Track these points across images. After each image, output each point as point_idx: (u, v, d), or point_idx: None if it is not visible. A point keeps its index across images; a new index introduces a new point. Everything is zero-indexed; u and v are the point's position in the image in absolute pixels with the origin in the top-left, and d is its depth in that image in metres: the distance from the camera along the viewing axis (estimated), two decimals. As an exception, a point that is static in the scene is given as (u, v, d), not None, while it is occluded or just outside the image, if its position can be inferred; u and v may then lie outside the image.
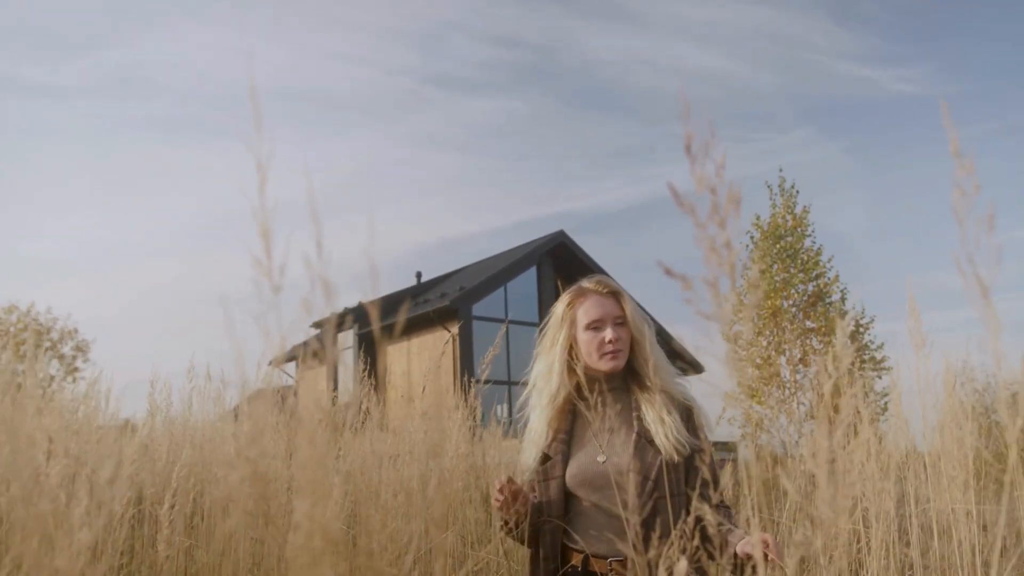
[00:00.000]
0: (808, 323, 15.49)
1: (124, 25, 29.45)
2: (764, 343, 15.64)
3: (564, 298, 1.96)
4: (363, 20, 30.71)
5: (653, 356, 1.82)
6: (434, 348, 20.64)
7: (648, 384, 1.83)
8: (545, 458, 1.86)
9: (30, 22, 28.65)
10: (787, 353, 15.26)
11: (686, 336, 1.64)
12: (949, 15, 27.83)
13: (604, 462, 1.77)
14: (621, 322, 1.87)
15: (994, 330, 0.83)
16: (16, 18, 28.34)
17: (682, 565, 0.97)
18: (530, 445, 1.92)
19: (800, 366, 15.06)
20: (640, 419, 1.81)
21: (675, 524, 1.61)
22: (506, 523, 1.82)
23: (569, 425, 1.87)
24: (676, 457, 1.73)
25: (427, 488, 2.34)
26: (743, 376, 15.52)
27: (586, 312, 1.88)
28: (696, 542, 1.43)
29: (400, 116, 33.97)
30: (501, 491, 1.74)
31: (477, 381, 4.52)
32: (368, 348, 22.44)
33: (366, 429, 3.72)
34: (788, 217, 16.18)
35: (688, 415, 1.84)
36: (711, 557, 1.47)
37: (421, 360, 20.91)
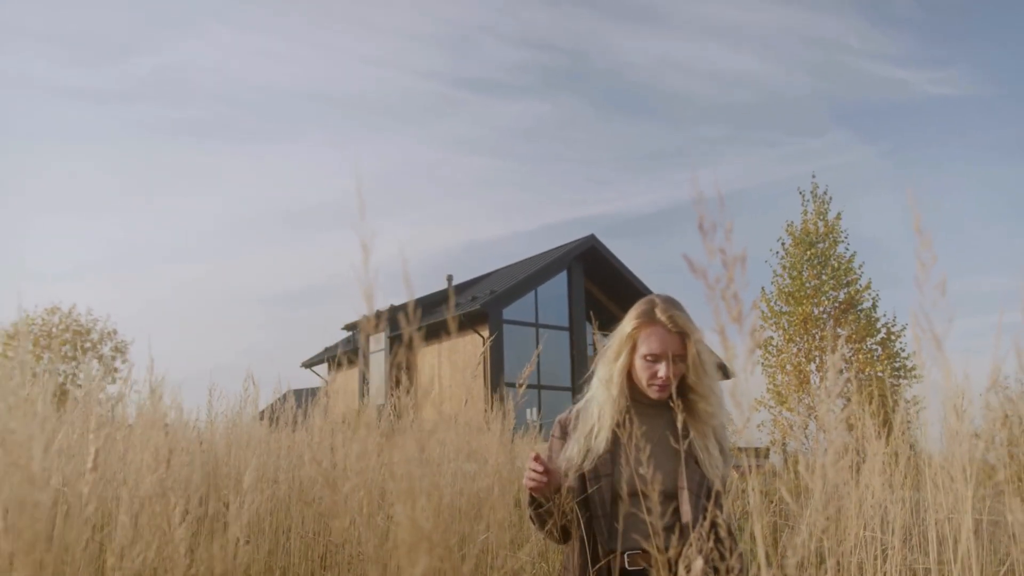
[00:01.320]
0: (839, 330, 15.45)
1: (159, 29, 30.04)
2: (795, 349, 15.63)
3: (634, 317, 1.96)
4: (394, 24, 31.06)
5: (712, 399, 1.86)
6: (464, 352, 20.85)
7: (698, 415, 1.88)
8: (594, 456, 1.91)
9: (66, 26, 29.35)
10: (817, 360, 15.23)
11: (714, 341, 1.76)
12: (984, 16, 27.38)
13: (652, 472, 1.76)
14: (679, 359, 1.89)
15: (947, 373, 0.99)
16: (53, 22, 29.08)
17: (699, 563, 1.11)
18: (581, 439, 1.95)
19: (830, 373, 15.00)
20: (689, 440, 1.86)
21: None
22: (535, 502, 1.87)
23: (615, 435, 1.91)
24: (716, 484, 1.79)
25: (491, 495, 2.47)
26: (771, 381, 15.52)
27: (647, 342, 1.90)
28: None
29: (431, 119, 34.25)
30: (537, 467, 1.79)
31: (512, 386, 4.68)
32: (398, 351, 22.74)
33: (405, 431, 3.90)
34: (820, 223, 16.15)
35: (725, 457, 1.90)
36: None
37: (452, 363, 21.12)
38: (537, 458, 1.79)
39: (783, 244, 16.50)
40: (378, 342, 23.40)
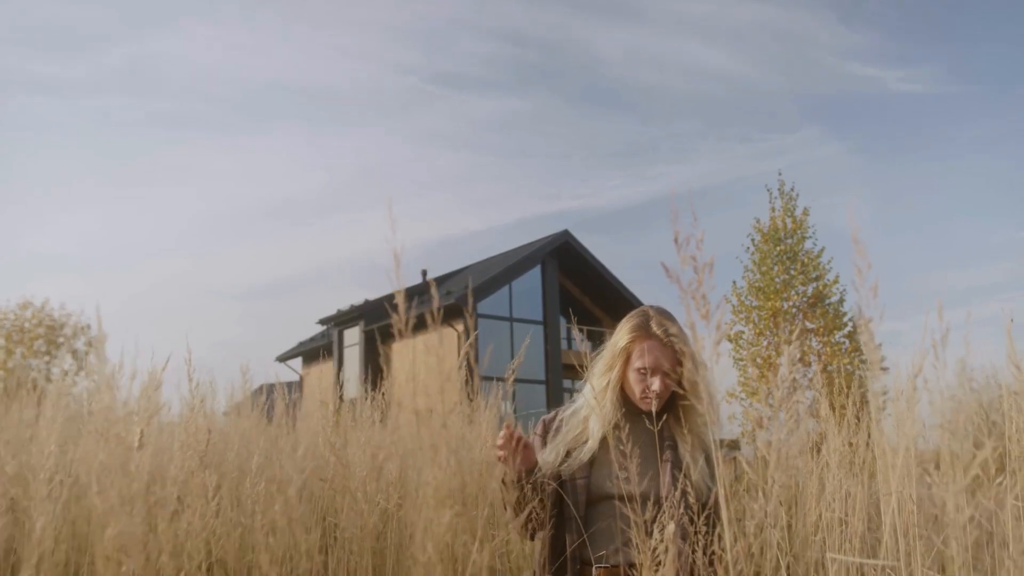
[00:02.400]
0: (808, 324, 15.77)
1: (132, 21, 29.70)
2: (764, 343, 15.93)
3: (628, 329, 1.96)
4: (370, 18, 30.93)
5: (701, 411, 1.83)
6: (439, 346, 20.93)
7: (684, 424, 1.90)
8: (569, 456, 1.90)
9: (38, 18, 28.89)
10: (789, 351, 15.52)
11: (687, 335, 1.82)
12: (955, 15, 27.96)
13: (633, 481, 1.77)
14: (672, 372, 1.89)
15: (874, 362, 1.11)
16: (24, 13, 28.58)
17: (670, 528, 1.20)
18: (561, 447, 1.94)
19: (799, 366, 15.33)
20: (675, 449, 1.88)
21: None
22: (515, 478, 1.82)
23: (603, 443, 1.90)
24: (697, 497, 1.76)
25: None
26: (742, 374, 15.80)
27: (640, 355, 1.90)
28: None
29: (406, 114, 34.23)
30: (505, 442, 1.76)
31: (489, 380, 4.78)
32: (373, 345, 22.73)
33: (388, 421, 4.00)
34: (788, 220, 16.47)
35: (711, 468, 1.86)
36: None
37: (428, 358, 21.18)
38: (508, 427, 1.77)
39: (752, 240, 16.80)
40: (352, 337, 23.39)
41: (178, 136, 33.46)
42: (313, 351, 26.29)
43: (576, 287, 24.66)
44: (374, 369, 22.60)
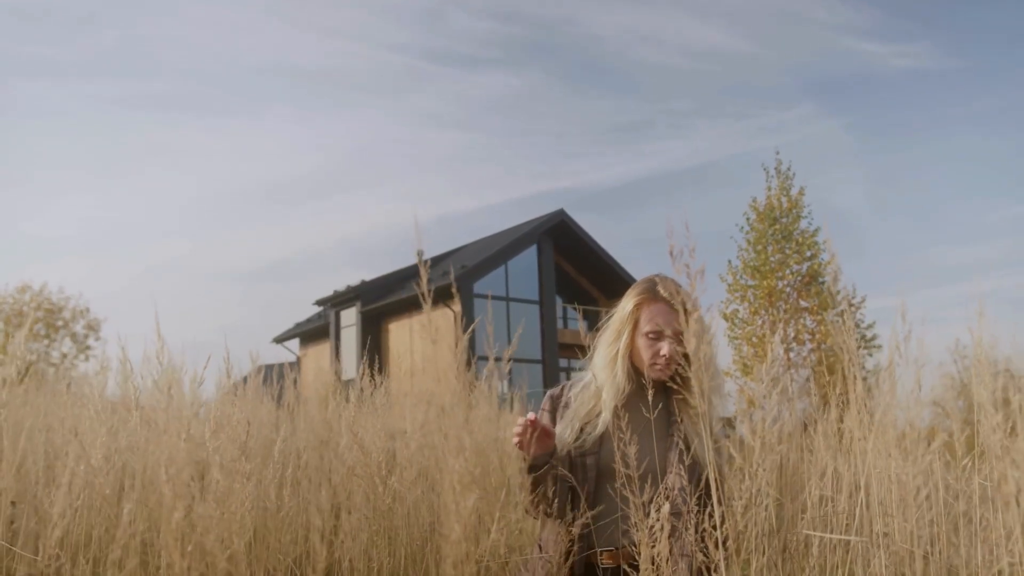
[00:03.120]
0: (802, 303, 15.87)
1: (125, 3, 29.42)
2: (760, 322, 16.03)
3: (634, 295, 1.93)
4: (363, -3, 30.67)
5: (707, 380, 1.71)
6: (435, 325, 20.98)
7: (690, 399, 1.75)
8: (583, 432, 1.88)
9: (31, 0, 28.61)
10: (780, 332, 15.64)
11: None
12: (950, -8, 27.80)
13: (642, 452, 1.75)
14: (682, 337, 1.79)
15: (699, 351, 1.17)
16: (17, -4, 28.30)
17: (665, 507, 1.26)
18: (576, 423, 1.90)
19: (794, 344, 15.46)
20: (680, 425, 1.85)
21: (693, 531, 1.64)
22: (530, 464, 1.80)
23: (614, 416, 1.84)
24: (699, 470, 1.75)
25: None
26: (737, 353, 15.92)
27: (650, 319, 1.87)
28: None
29: (401, 93, 34.07)
30: (525, 429, 1.73)
31: (484, 360, 4.84)
32: (370, 326, 22.80)
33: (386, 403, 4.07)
34: (784, 199, 16.51)
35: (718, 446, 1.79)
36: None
37: (424, 337, 21.25)
38: (526, 423, 1.74)
39: (748, 219, 16.86)
40: (349, 317, 23.45)
41: (172, 118, 33.31)
42: (310, 332, 26.35)
43: (572, 266, 24.71)
44: (371, 349, 22.69)
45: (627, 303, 1.93)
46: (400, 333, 22.31)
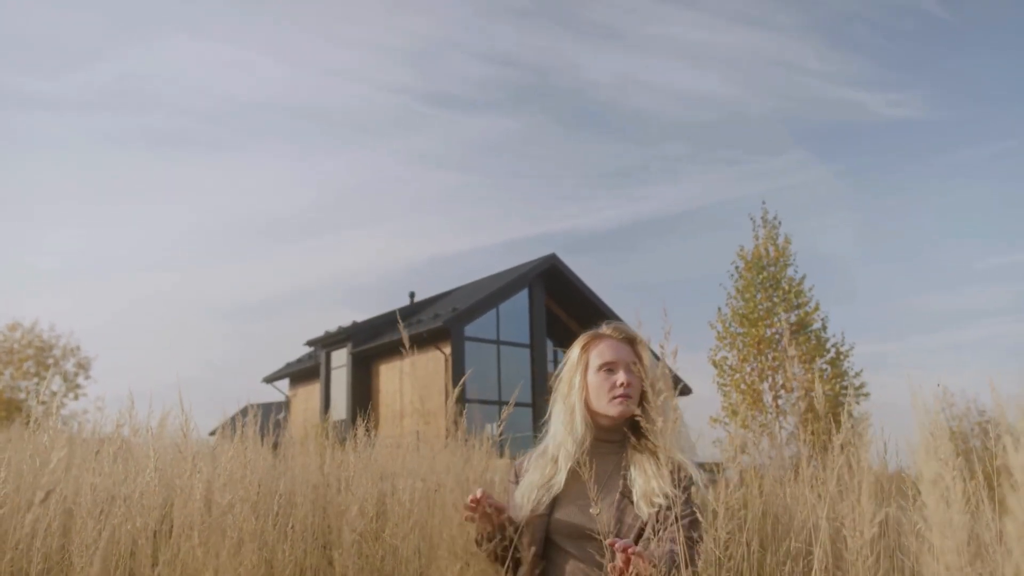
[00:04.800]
0: (790, 351, 15.99)
1: (121, 37, 29.73)
2: (748, 369, 16.12)
3: (579, 341, 1.92)
4: (361, 38, 31.20)
5: (662, 407, 1.73)
6: (426, 368, 20.98)
7: (645, 442, 1.78)
8: (537, 497, 1.81)
9: (28, 33, 28.95)
10: (769, 379, 15.73)
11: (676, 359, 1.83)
12: (943, 40, 28.46)
13: (598, 514, 1.69)
14: (634, 368, 1.82)
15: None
16: (13, 28, 28.65)
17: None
18: (533, 488, 1.84)
19: (782, 391, 15.54)
20: (626, 477, 1.78)
21: None
22: (481, 536, 1.78)
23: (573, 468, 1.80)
24: (647, 516, 1.69)
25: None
26: (726, 399, 15.97)
27: (599, 354, 1.85)
28: None
29: (396, 134, 34.41)
30: (472, 504, 1.69)
31: (471, 403, 4.90)
32: (360, 367, 22.76)
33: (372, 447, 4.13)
34: (771, 248, 16.75)
35: (681, 477, 1.72)
36: None
37: (413, 379, 21.22)
38: (472, 500, 1.70)
39: (736, 267, 17.07)
40: (340, 358, 23.40)
41: (167, 153, 33.52)
42: (300, 372, 26.24)
43: (563, 310, 24.81)
44: (361, 391, 22.62)
45: (573, 351, 1.92)
46: (390, 375, 22.25)
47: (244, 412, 4.55)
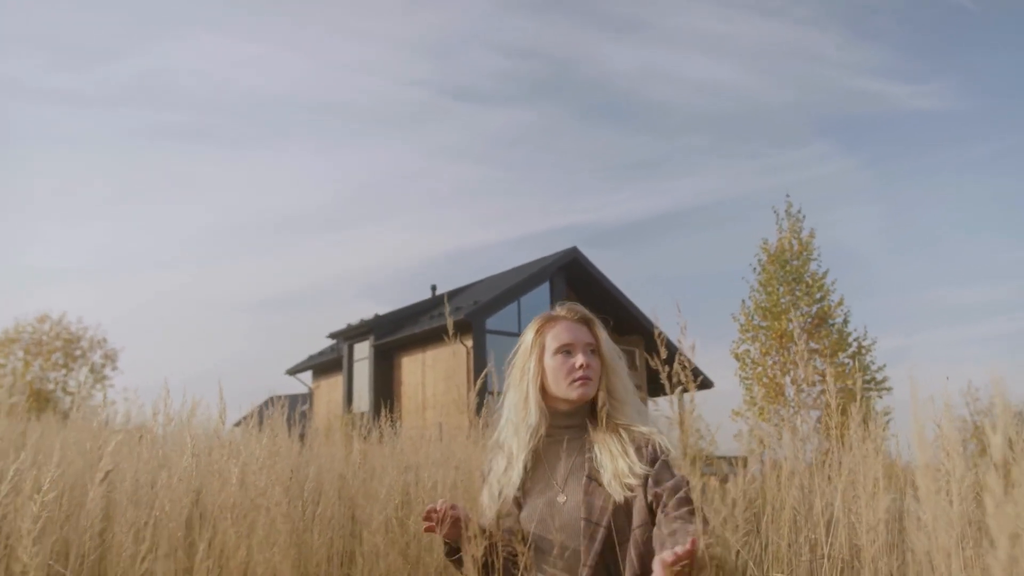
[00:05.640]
0: (812, 344, 15.90)
1: (143, 34, 30.11)
2: (770, 363, 16.06)
3: (532, 325, 1.83)
4: (381, 32, 31.31)
5: (622, 392, 1.74)
6: (448, 361, 21.12)
7: (609, 422, 1.73)
8: (507, 496, 1.75)
9: (51, 30, 29.37)
10: (791, 374, 15.67)
11: (696, 351, 1.83)
12: (966, 30, 28.00)
13: (564, 503, 1.67)
14: (593, 349, 1.77)
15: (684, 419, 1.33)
16: (36, 25, 29.05)
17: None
18: (494, 483, 1.79)
19: (804, 385, 15.47)
20: (591, 459, 1.70)
21: (635, 558, 1.59)
22: (447, 544, 1.73)
23: (531, 461, 1.75)
24: (621, 498, 1.63)
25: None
26: (748, 393, 15.92)
27: (556, 337, 1.77)
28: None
29: (416, 127, 34.53)
30: (430, 515, 1.64)
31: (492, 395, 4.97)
32: (383, 360, 22.95)
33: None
34: (794, 241, 16.64)
35: (649, 451, 1.69)
36: None
37: (435, 372, 21.37)
38: (430, 511, 1.65)
39: (759, 261, 16.99)
40: (362, 351, 23.61)
41: (188, 149, 33.90)
42: (323, 364, 26.50)
43: (584, 302, 24.61)
44: (383, 383, 22.80)
45: (527, 335, 1.83)
46: (412, 367, 22.41)
47: (267, 404, 4.68)
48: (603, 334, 1.81)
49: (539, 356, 1.78)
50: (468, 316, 20.45)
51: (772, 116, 31.75)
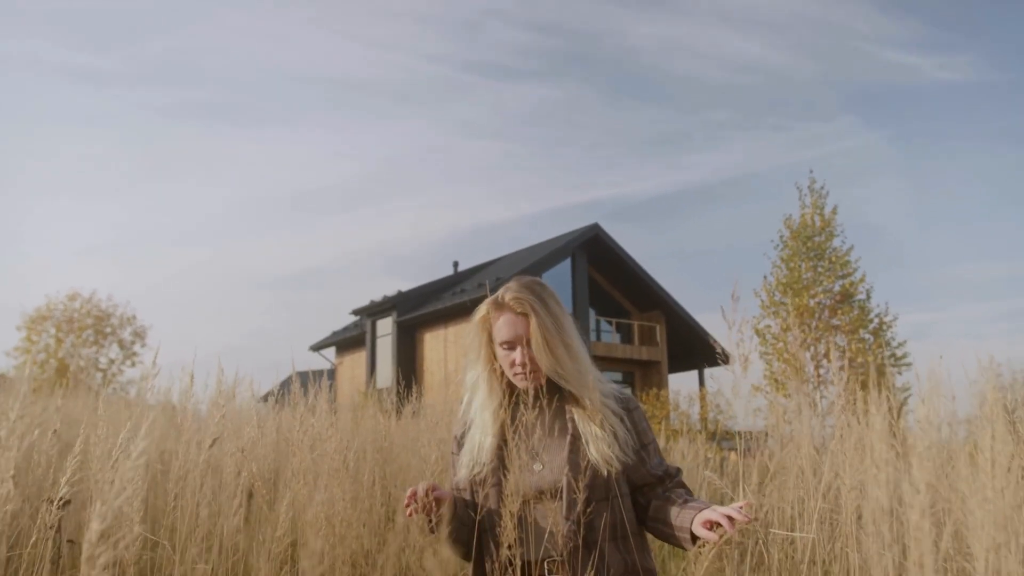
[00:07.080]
0: (834, 320, 15.97)
1: (167, 12, 30.32)
2: (791, 338, 16.15)
3: (481, 308, 1.83)
4: (402, 8, 31.31)
5: (575, 375, 1.74)
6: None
7: (577, 394, 1.76)
8: (479, 467, 1.78)
9: (75, 8, 29.63)
10: (811, 349, 15.76)
11: (715, 325, 1.91)
12: (994, 2, 27.47)
13: (541, 470, 1.71)
14: (531, 344, 1.74)
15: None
16: (60, 4, 29.30)
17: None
18: (466, 456, 1.82)
19: (824, 361, 15.56)
20: (573, 423, 1.75)
21: (616, 524, 1.68)
22: (428, 525, 1.68)
23: (503, 433, 1.77)
24: (606, 470, 1.68)
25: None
26: (768, 368, 16.03)
27: (498, 331, 1.77)
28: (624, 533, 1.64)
29: (438, 103, 34.59)
30: (411, 500, 1.63)
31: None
32: (405, 336, 23.27)
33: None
34: (817, 218, 16.64)
35: (626, 416, 1.78)
36: (666, 539, 1.67)
37: (457, 348, 21.64)
38: (412, 495, 1.63)
39: (781, 237, 17.01)
40: (385, 327, 23.95)
41: (211, 126, 34.27)
42: (346, 341, 26.91)
43: (605, 279, 24.96)
44: (406, 359, 23.17)
45: (475, 317, 1.84)
46: (435, 343, 22.73)
47: (291, 380, 4.88)
48: (546, 322, 1.74)
49: (488, 341, 1.81)
50: (491, 292, 20.66)
51: (797, 90, 31.46)
